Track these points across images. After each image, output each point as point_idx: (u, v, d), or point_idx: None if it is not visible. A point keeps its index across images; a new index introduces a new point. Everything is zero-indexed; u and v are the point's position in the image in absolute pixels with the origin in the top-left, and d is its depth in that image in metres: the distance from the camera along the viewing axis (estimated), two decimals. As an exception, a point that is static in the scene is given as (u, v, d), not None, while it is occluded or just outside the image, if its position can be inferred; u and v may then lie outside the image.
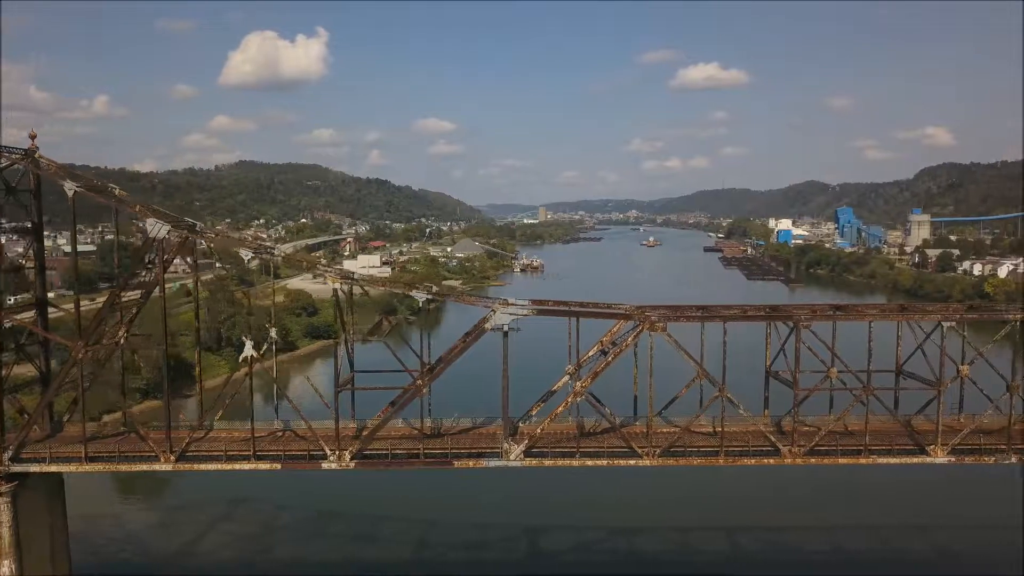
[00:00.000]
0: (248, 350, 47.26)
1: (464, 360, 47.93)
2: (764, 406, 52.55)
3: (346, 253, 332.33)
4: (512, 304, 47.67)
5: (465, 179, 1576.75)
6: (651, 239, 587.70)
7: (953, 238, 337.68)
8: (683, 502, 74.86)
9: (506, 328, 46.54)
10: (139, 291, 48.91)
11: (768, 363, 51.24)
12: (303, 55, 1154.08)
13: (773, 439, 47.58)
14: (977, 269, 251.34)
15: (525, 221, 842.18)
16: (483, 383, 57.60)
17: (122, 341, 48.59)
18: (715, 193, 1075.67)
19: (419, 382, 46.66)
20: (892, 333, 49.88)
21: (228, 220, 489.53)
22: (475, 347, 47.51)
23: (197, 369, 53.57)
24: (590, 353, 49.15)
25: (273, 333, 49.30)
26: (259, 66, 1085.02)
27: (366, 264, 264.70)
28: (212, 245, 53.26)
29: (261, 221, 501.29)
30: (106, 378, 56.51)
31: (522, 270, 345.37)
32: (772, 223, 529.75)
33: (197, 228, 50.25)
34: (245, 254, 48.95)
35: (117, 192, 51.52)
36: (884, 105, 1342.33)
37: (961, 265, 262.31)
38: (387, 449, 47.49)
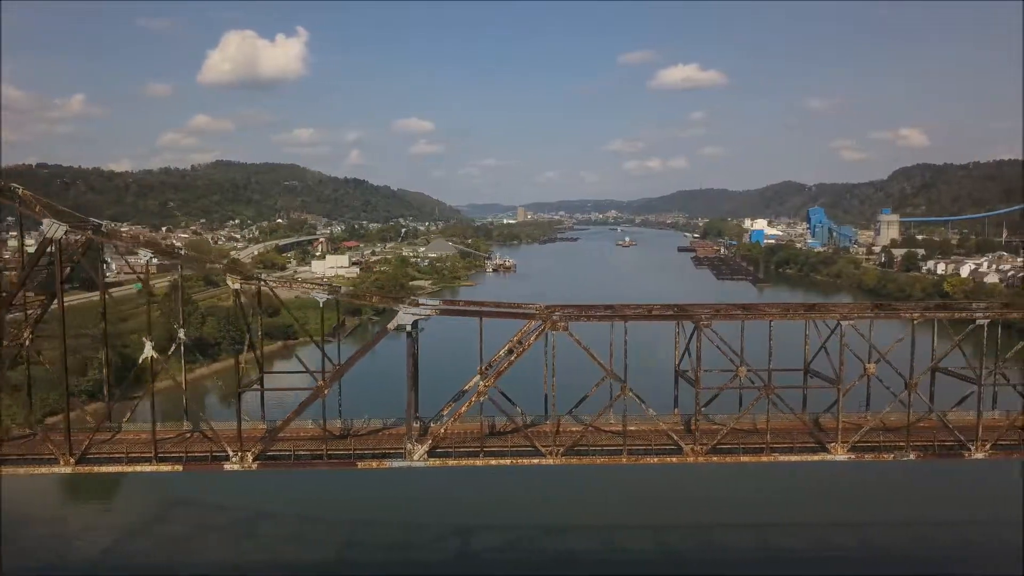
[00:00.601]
0: (148, 351, 46.95)
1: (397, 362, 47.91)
2: (674, 405, 52.96)
3: (318, 253, 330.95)
4: (416, 305, 47.78)
5: (445, 179, 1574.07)
6: (627, 239, 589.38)
7: (921, 238, 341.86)
8: (626, 502, 75.40)
9: (409, 328, 46.60)
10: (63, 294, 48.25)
11: (676, 362, 51.63)
12: (282, 54, 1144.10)
13: (676, 438, 47.91)
14: (941, 268, 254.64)
15: (505, 221, 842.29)
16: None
17: (27, 343, 48.13)
18: (693, 193, 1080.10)
19: (320, 383, 46.62)
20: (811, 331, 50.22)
21: (203, 220, 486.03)
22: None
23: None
24: (500, 353, 49.35)
25: (181, 334, 49.08)
26: (238, 65, 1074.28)
27: (334, 265, 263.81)
28: (118, 247, 52.49)
29: (236, 221, 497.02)
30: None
31: (494, 270, 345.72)
32: (747, 223, 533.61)
33: (103, 229, 49.85)
34: (144, 255, 48.36)
35: (21, 192, 50.82)
36: (860, 106, 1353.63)
37: (925, 265, 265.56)
38: (291, 450, 47.39)
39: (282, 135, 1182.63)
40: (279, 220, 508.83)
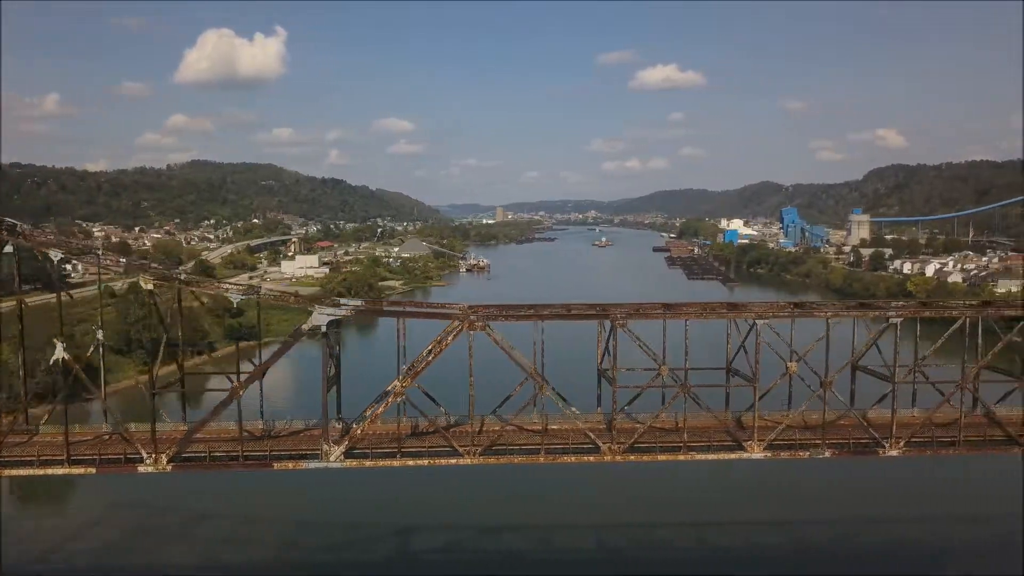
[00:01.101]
0: (59, 352, 46.44)
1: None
2: (597, 404, 53.13)
3: (290, 253, 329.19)
4: (335, 305, 47.70)
5: (427, 179, 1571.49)
6: (603, 239, 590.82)
7: (890, 238, 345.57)
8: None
9: (324, 329, 46.48)
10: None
11: (599, 361, 51.80)
12: (261, 54, 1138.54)
13: (594, 436, 48.12)
14: (907, 268, 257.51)
15: (484, 221, 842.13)
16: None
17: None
18: (672, 194, 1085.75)
19: (235, 384, 46.38)
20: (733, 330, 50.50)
21: (177, 220, 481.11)
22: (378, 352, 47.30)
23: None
24: (422, 353, 49.33)
25: (99, 335, 48.65)
26: (216, 64, 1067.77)
27: (303, 265, 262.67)
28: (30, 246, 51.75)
29: (211, 221, 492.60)
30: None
31: (468, 270, 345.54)
32: (724, 223, 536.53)
33: (18, 229, 49.23)
34: (55, 255, 47.79)
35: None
36: (838, 107, 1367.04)
37: (892, 264, 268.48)
38: (206, 451, 47.09)
39: (262, 135, 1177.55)
40: (255, 220, 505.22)
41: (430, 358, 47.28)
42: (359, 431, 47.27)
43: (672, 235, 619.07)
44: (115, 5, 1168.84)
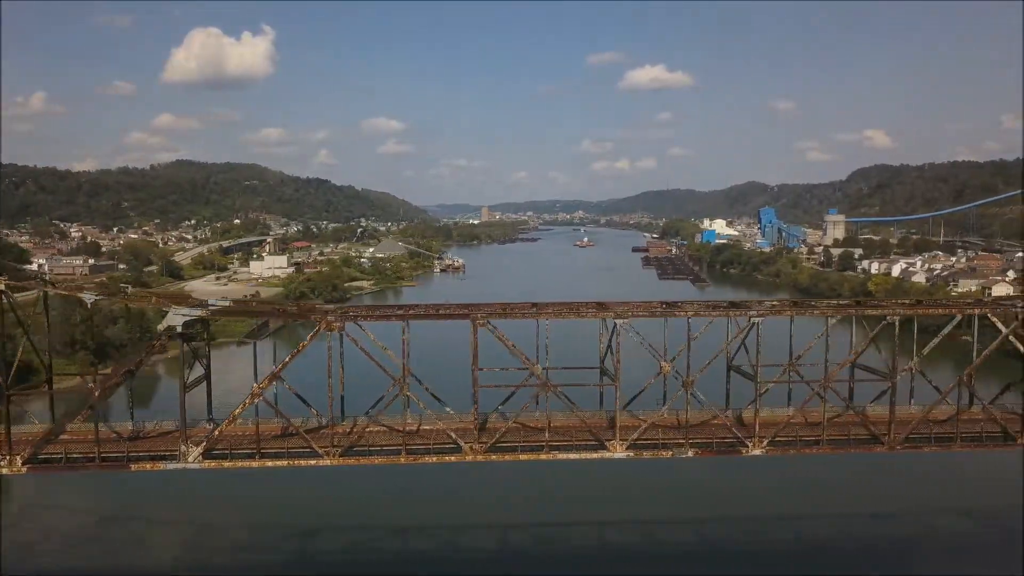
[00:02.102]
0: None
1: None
2: (472, 403, 53.10)
3: (264, 254, 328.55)
4: (193, 306, 47.73)
5: (416, 179, 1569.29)
6: (585, 239, 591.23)
7: (865, 238, 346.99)
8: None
9: (179, 329, 46.50)
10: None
11: (473, 362, 51.68)
12: (249, 53, 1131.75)
13: (455, 436, 48.28)
14: (875, 268, 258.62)
15: (471, 222, 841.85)
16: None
17: None
18: (660, 194, 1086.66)
19: (91, 386, 46.36)
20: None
21: (157, 220, 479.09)
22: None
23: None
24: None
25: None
26: (203, 63, 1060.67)
27: (271, 265, 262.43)
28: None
29: (192, 222, 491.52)
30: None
31: (442, 270, 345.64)
32: (706, 223, 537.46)
33: None
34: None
35: None
36: (825, 108, 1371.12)
37: (860, 264, 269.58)
38: (62, 453, 46.98)
39: (250, 135, 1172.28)
40: (236, 220, 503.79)
41: (287, 359, 47.48)
42: (216, 432, 47.30)
43: (655, 235, 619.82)
44: (101, 5, 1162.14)
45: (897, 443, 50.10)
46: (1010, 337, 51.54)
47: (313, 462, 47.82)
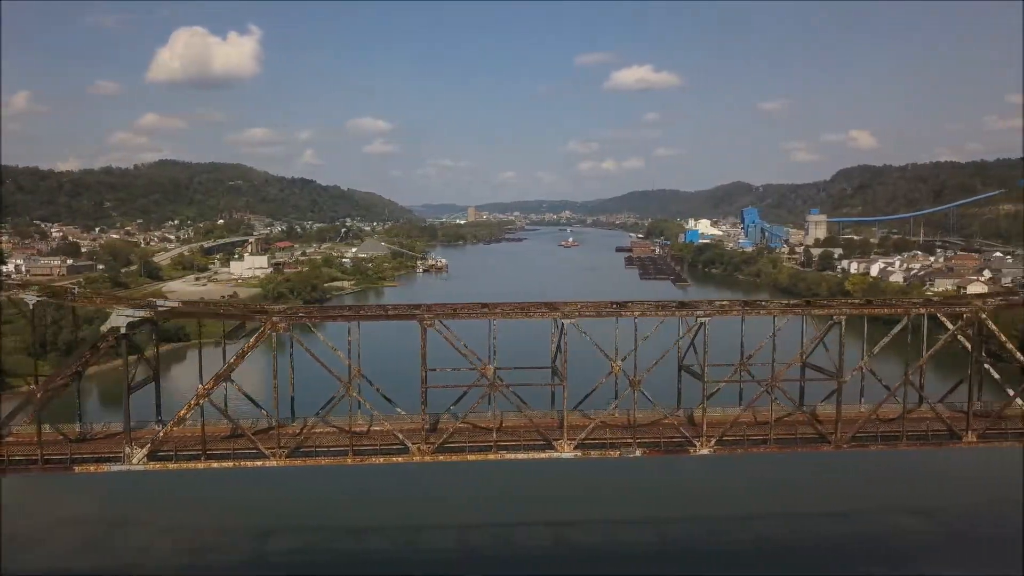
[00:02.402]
0: None
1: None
2: (421, 404, 52.86)
3: (247, 254, 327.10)
4: (139, 307, 47.51)
5: (402, 179, 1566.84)
6: (570, 239, 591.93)
7: (845, 238, 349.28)
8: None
9: (123, 331, 46.23)
10: None
11: (422, 363, 51.70)
12: (235, 52, 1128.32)
13: (402, 437, 48.22)
14: (854, 268, 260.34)
15: (458, 222, 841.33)
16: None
17: None
18: (646, 194, 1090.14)
19: (33, 388, 46.05)
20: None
21: (140, 221, 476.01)
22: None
23: None
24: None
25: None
26: (188, 62, 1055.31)
27: (251, 266, 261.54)
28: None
29: (175, 222, 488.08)
30: None
31: (425, 270, 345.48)
32: (691, 223, 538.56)
33: None
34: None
35: None
36: (812, 108, 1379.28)
37: (840, 264, 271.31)
38: (4, 456, 46.58)
39: (236, 135, 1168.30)
40: (220, 220, 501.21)
41: (231, 360, 47.32)
42: (162, 434, 47.08)
43: (640, 235, 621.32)
44: (86, 5, 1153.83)
45: (844, 442, 50.44)
46: (959, 336, 52.32)
47: (259, 463, 47.70)
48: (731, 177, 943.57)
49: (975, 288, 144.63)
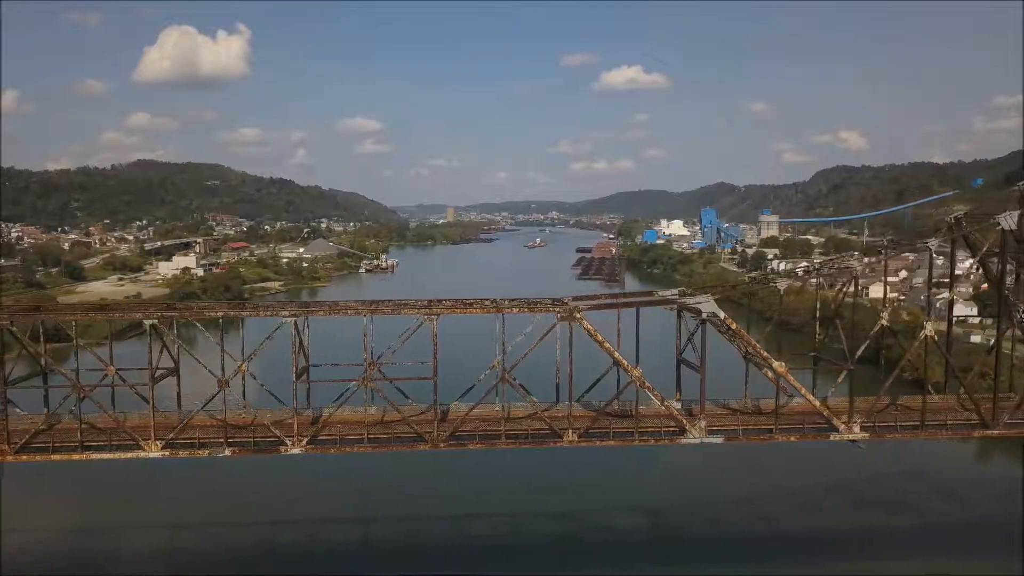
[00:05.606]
0: None
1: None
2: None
3: (194, 254, 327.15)
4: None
5: (394, 179, 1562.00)
6: (538, 240, 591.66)
7: (787, 238, 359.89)
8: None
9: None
10: None
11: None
12: (224, 52, 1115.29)
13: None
14: (782, 267, 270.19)
15: (439, 221, 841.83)
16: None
17: None
18: (632, 195, 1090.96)
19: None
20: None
21: (106, 221, 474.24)
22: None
23: None
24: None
25: None
26: (177, 62, 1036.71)
27: (177, 266, 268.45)
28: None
29: (143, 222, 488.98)
30: None
31: (368, 271, 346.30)
32: (664, 224, 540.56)
33: None
34: None
35: None
36: (801, 109, 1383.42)
37: (770, 264, 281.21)
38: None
39: (227, 135, 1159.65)
40: (179, 223, 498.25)
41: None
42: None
43: (611, 236, 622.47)
44: (72, 3, 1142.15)
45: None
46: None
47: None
48: (720, 178, 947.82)
49: (877, 289, 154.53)
